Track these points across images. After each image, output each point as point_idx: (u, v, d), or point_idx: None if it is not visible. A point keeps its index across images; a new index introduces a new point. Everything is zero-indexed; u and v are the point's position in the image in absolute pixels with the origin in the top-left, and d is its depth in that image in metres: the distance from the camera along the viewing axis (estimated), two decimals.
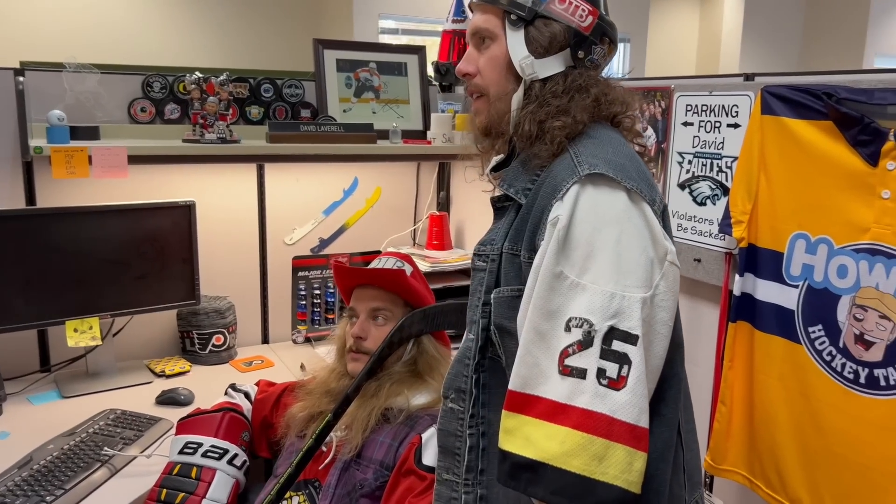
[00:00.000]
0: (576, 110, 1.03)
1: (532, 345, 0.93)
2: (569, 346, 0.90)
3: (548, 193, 0.99)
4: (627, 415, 0.87)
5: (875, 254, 1.29)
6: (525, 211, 1.03)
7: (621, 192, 0.96)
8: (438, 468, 1.12)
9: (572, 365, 0.89)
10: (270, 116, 2.33)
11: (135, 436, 1.72)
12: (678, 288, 0.99)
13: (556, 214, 0.95)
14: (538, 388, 0.91)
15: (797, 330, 1.43)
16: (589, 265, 0.92)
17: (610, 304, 0.90)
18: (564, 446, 0.87)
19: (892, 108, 1.25)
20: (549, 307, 0.92)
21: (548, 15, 1.04)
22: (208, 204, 2.26)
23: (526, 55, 1.05)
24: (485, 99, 1.11)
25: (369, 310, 1.58)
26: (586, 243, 0.93)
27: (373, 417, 1.47)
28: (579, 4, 1.05)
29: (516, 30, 1.05)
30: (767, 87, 1.45)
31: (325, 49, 2.43)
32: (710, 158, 1.62)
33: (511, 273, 1.03)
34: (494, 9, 1.07)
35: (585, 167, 0.97)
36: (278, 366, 2.25)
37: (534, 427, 0.90)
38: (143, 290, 2.11)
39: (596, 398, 0.87)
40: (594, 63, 1.07)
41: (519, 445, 0.91)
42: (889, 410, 1.29)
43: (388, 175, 2.61)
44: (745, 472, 1.56)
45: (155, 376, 2.12)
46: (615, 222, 0.94)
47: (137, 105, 2.15)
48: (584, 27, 1.05)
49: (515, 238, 1.03)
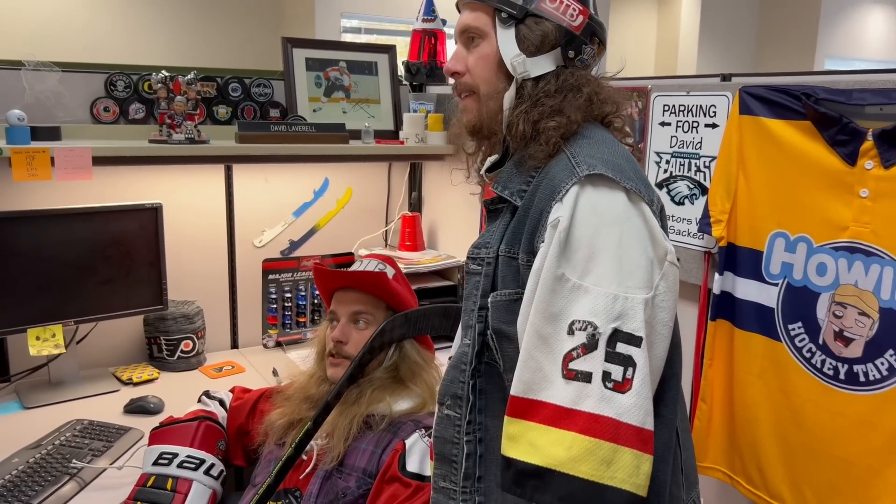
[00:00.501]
0: (570, 110, 1.02)
1: (534, 349, 0.91)
2: (572, 349, 0.89)
3: (546, 195, 0.97)
4: (633, 418, 0.86)
5: (854, 252, 1.31)
6: (521, 213, 1.01)
7: (620, 192, 0.95)
8: (435, 476, 1.10)
9: (577, 369, 0.88)
10: (238, 116, 2.28)
11: (104, 447, 1.66)
12: (678, 288, 0.98)
13: (556, 216, 0.93)
14: (541, 392, 0.90)
15: (777, 327, 1.45)
16: (591, 267, 0.91)
17: (613, 306, 0.89)
18: (571, 451, 0.85)
19: (870, 108, 1.28)
20: (551, 310, 0.91)
21: (539, 13, 1.03)
22: (175, 206, 2.20)
23: (517, 53, 1.04)
24: (474, 97, 1.09)
25: (350, 313, 1.54)
26: (587, 245, 0.91)
27: (354, 425, 1.44)
28: (570, 4, 1.04)
29: (507, 28, 1.04)
30: (745, 88, 1.47)
31: (294, 48, 2.38)
32: (687, 158, 1.63)
33: (508, 276, 1.01)
34: (484, 6, 1.06)
35: (584, 168, 0.95)
36: (249, 371, 2.20)
37: (538, 433, 0.89)
38: (108, 296, 2.04)
39: (602, 402, 0.86)
40: (584, 63, 1.06)
41: (523, 452, 0.89)
42: (868, 406, 1.31)
43: (359, 175, 2.58)
44: (726, 468, 1.57)
45: (122, 384, 2.05)
46: (615, 223, 0.93)
47: (100, 104, 2.08)
48: (574, 26, 1.04)
49: (512, 241, 1.01)
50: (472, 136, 1.12)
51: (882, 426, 1.29)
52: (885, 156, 1.25)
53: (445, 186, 2.55)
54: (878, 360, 1.29)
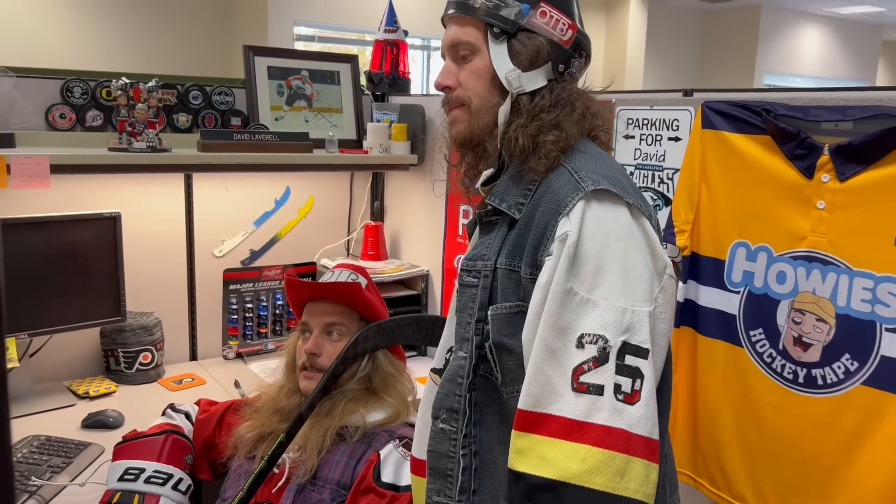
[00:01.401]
0: (566, 124, 1.04)
1: (543, 363, 0.92)
2: (583, 362, 0.90)
3: (551, 209, 0.99)
4: (643, 428, 0.88)
5: (812, 261, 1.37)
6: (522, 226, 1.02)
7: (623, 207, 0.97)
8: (429, 491, 1.09)
9: (588, 381, 0.89)
10: (199, 124, 2.25)
11: (63, 463, 1.61)
12: (674, 300, 1.01)
13: (564, 230, 0.95)
14: (551, 406, 0.91)
15: (739, 334, 1.50)
16: (599, 281, 0.92)
17: (622, 319, 0.91)
18: (586, 464, 0.87)
19: (826, 124, 1.34)
20: (560, 324, 0.92)
21: (530, 28, 1.05)
22: (134, 215, 2.15)
23: (512, 68, 1.05)
24: (465, 109, 1.10)
25: (323, 325, 1.53)
26: (595, 259, 0.93)
27: (328, 438, 1.43)
28: (560, 18, 1.06)
29: (499, 43, 1.05)
30: (708, 103, 1.52)
31: (256, 56, 2.36)
32: (651, 170, 1.68)
33: (509, 289, 1.02)
34: (475, 21, 1.07)
35: (589, 183, 0.97)
36: (211, 383, 2.16)
37: (549, 446, 0.89)
38: (63, 308, 1.98)
39: (614, 414, 0.88)
40: (573, 76, 1.08)
41: (534, 466, 0.90)
42: (825, 408, 1.37)
43: (321, 185, 2.57)
44: (690, 471, 1.62)
45: (77, 398, 2.00)
46: (621, 238, 0.95)
47: (56, 111, 2.02)
48: (564, 41, 1.06)
49: (513, 254, 1.02)
50: (460, 148, 1.13)
51: (838, 427, 1.35)
52: (840, 169, 1.31)
53: (408, 196, 2.56)
54: (835, 363, 1.35)
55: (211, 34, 5.89)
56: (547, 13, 1.05)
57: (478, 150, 1.11)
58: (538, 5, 1.05)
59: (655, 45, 9.19)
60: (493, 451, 1.03)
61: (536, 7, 1.05)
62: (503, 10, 1.05)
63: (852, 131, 1.31)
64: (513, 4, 1.05)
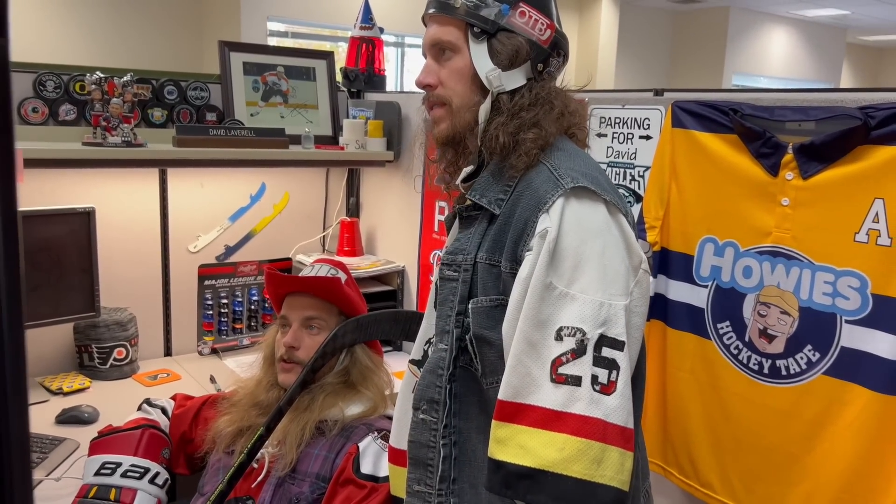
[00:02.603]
0: (546, 123, 1.06)
1: (523, 354, 0.95)
2: (561, 354, 0.93)
3: (531, 205, 1.01)
4: (618, 418, 0.92)
5: (776, 255, 1.42)
6: (502, 221, 1.05)
7: (601, 204, 1.00)
8: (409, 480, 1.11)
9: (567, 373, 0.92)
10: (174, 119, 2.24)
11: (38, 458, 1.61)
12: (649, 294, 1.05)
13: (544, 226, 0.97)
14: (530, 396, 0.93)
15: (707, 326, 1.55)
16: (577, 276, 0.95)
17: (599, 312, 0.94)
18: (564, 452, 0.90)
19: (790, 123, 1.39)
20: (539, 317, 0.95)
21: (510, 28, 1.07)
22: (107, 210, 2.14)
23: (492, 68, 1.07)
24: (446, 108, 1.12)
25: (303, 318, 1.55)
26: (574, 255, 0.96)
27: (307, 431, 1.45)
28: (538, 18, 1.08)
29: (480, 42, 1.07)
30: (678, 103, 1.57)
31: (232, 51, 2.36)
32: (623, 168, 1.73)
33: (489, 283, 1.04)
34: (455, 21, 1.09)
35: (568, 180, 1.00)
36: (186, 378, 2.16)
37: (528, 435, 0.92)
38: (36, 303, 1.96)
39: (591, 404, 0.91)
40: (551, 74, 1.11)
41: (514, 454, 0.93)
42: (789, 397, 1.42)
43: (297, 180, 2.57)
44: (660, 461, 1.66)
45: (51, 394, 1.98)
46: (599, 234, 0.98)
47: (28, 105, 2.01)
48: (542, 40, 1.09)
49: (493, 248, 1.05)
50: (443, 146, 1.15)
51: (801, 416, 1.40)
52: (803, 167, 1.36)
53: (384, 192, 2.58)
54: (798, 354, 1.40)
55: (183, 29, 5.84)
56: (526, 13, 1.08)
57: (459, 147, 1.14)
58: (517, 5, 1.07)
59: (627, 44, 9.30)
60: (473, 440, 1.06)
61: (516, 7, 1.07)
62: (483, 10, 1.07)
63: (815, 131, 1.36)
64: (492, 4, 1.07)
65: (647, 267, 1.03)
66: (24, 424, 0.35)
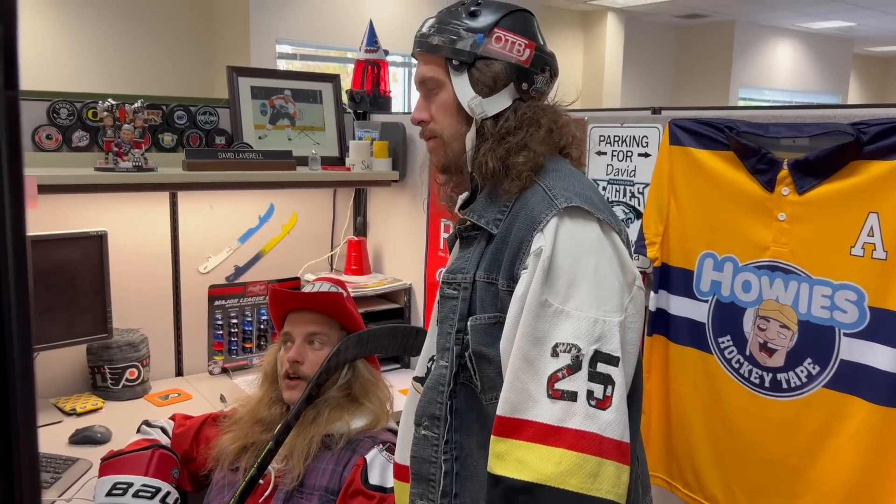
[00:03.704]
0: (534, 144, 1.09)
1: (520, 371, 0.97)
2: (557, 370, 0.95)
3: (526, 225, 1.04)
4: (614, 432, 0.94)
5: (774, 270, 1.44)
6: (499, 241, 1.07)
7: (594, 223, 1.03)
8: (412, 495, 1.14)
9: (563, 388, 0.94)
10: (184, 144, 2.29)
11: (52, 479, 1.64)
12: (643, 310, 1.07)
13: (538, 245, 1.00)
14: (528, 412, 0.96)
15: (708, 341, 1.56)
16: (572, 293, 0.98)
17: (594, 329, 0.96)
18: (560, 467, 0.92)
19: (785, 140, 1.41)
20: (535, 334, 0.97)
21: (487, 55, 1.11)
22: (119, 233, 2.19)
23: (473, 96, 1.11)
24: (438, 140, 1.17)
25: (306, 334, 1.58)
26: (568, 273, 0.99)
27: (314, 445, 1.48)
28: (515, 40, 1.11)
29: (460, 74, 1.12)
30: (675, 121, 1.59)
31: (240, 76, 2.41)
32: (623, 185, 1.75)
33: (487, 301, 1.07)
34: (436, 58, 1.14)
35: (562, 201, 1.03)
36: (196, 398, 2.19)
37: (526, 450, 0.94)
38: (50, 325, 2.00)
39: (587, 419, 0.93)
40: (539, 92, 1.14)
41: (512, 469, 0.95)
42: (790, 410, 1.43)
43: (305, 201, 2.61)
44: (664, 475, 1.67)
45: (64, 415, 2.02)
46: (592, 252, 1.01)
47: (43, 132, 2.06)
48: (523, 61, 1.11)
49: (491, 267, 1.07)
50: (443, 174, 1.20)
51: (802, 428, 1.41)
52: (798, 183, 1.39)
53: (390, 211, 2.62)
54: (798, 368, 1.42)
55: (194, 54, 5.94)
56: (502, 38, 1.11)
57: (460, 174, 1.18)
58: (492, 32, 1.11)
59: (632, 60, 9.35)
60: (474, 455, 1.08)
61: (490, 34, 1.11)
62: (459, 44, 1.11)
63: (809, 147, 1.38)
64: (467, 36, 1.11)
65: (640, 284, 1.05)
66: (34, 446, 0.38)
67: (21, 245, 0.36)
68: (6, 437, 0.37)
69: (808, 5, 8.49)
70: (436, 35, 1.13)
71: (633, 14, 9.11)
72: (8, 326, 0.37)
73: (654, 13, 9.08)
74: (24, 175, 0.38)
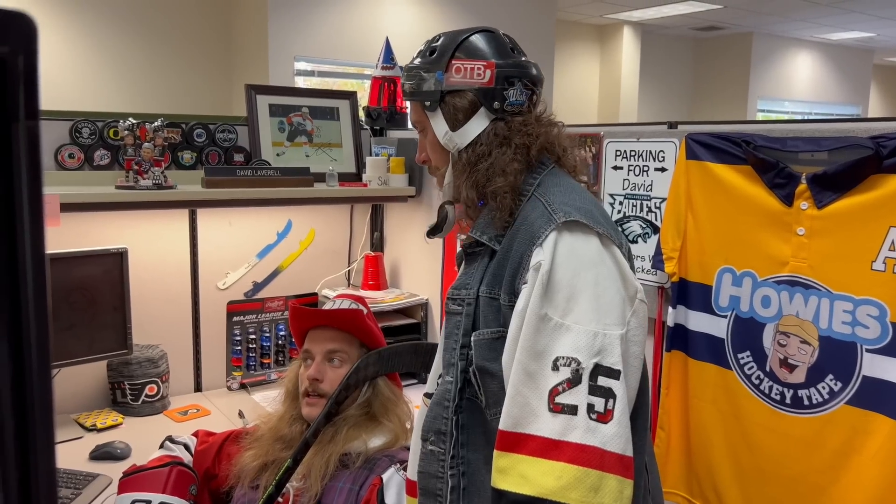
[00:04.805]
0: (506, 165, 1.10)
1: (522, 385, 0.97)
2: (558, 384, 0.95)
3: (526, 240, 1.05)
4: (616, 446, 0.93)
5: (794, 285, 1.43)
6: (501, 256, 1.08)
7: (594, 237, 1.03)
8: None
9: (563, 402, 0.94)
10: (203, 161, 2.32)
11: (72, 494, 1.65)
12: (647, 323, 1.07)
13: (537, 260, 1.01)
14: (529, 426, 0.96)
15: (727, 357, 1.55)
16: (571, 307, 0.98)
17: (594, 342, 0.96)
18: (561, 481, 0.91)
19: (803, 154, 1.40)
20: (536, 348, 0.97)
21: (452, 89, 1.13)
22: (139, 250, 2.22)
23: (445, 131, 1.15)
24: (439, 175, 1.22)
25: (325, 351, 1.58)
26: (567, 286, 0.99)
27: (331, 464, 1.47)
28: (473, 65, 1.13)
29: (434, 113, 1.15)
30: (691, 135, 1.59)
31: (258, 94, 2.44)
32: (639, 200, 1.75)
33: (490, 316, 1.08)
34: (414, 102, 1.19)
35: (561, 215, 1.03)
36: (215, 414, 2.20)
37: (528, 464, 0.94)
38: (71, 342, 2.03)
39: (588, 432, 0.93)
40: (517, 105, 1.13)
41: (515, 483, 0.95)
42: (812, 427, 1.41)
43: (322, 217, 2.63)
44: (685, 493, 1.65)
45: (85, 431, 2.04)
46: (591, 266, 1.01)
47: (65, 151, 2.10)
48: (485, 83, 1.13)
49: (493, 282, 1.08)
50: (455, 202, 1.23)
51: (825, 446, 1.39)
52: (817, 197, 1.38)
53: (407, 226, 2.63)
54: (820, 384, 1.40)
55: (214, 72, 6.01)
56: (461, 68, 1.13)
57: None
58: (450, 65, 1.13)
59: (649, 74, 9.34)
60: (481, 471, 1.08)
61: (449, 68, 1.13)
62: (424, 85, 1.15)
63: (827, 161, 1.37)
64: (429, 77, 1.15)
65: (643, 297, 1.05)
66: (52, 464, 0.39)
67: (41, 268, 0.37)
68: (24, 454, 0.37)
69: (826, 16, 8.44)
70: (406, 81, 1.18)
71: (650, 27, 9.11)
72: (28, 346, 0.38)
73: (671, 26, 9.07)
74: (43, 201, 0.39)
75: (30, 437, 0.37)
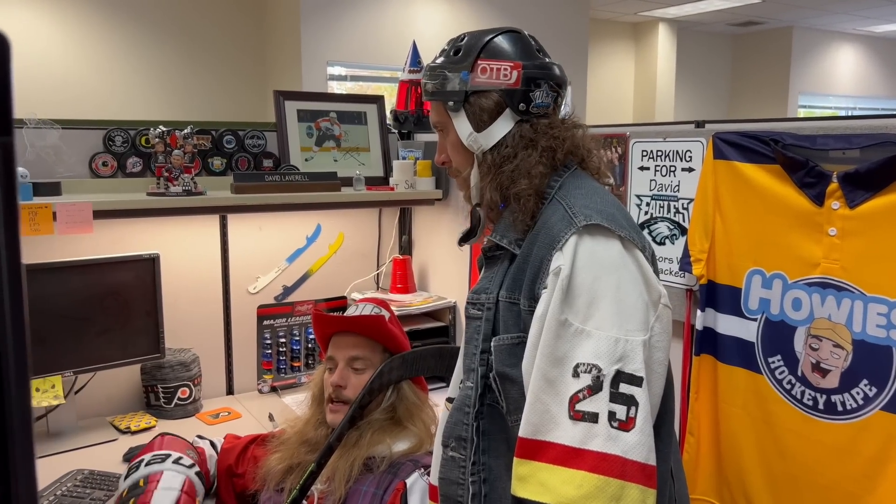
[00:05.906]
0: (531, 167, 1.08)
1: (542, 392, 0.96)
2: (578, 391, 0.93)
3: (546, 244, 1.03)
4: (638, 454, 0.91)
5: (826, 287, 1.38)
6: (521, 260, 1.07)
7: (615, 240, 1.01)
8: None
9: (583, 409, 0.93)
10: (233, 167, 2.35)
11: (105, 496, 1.68)
12: (671, 328, 1.04)
13: (557, 264, 0.99)
14: (550, 433, 0.94)
15: (758, 361, 1.51)
16: (592, 312, 0.96)
17: (615, 348, 0.94)
18: (582, 489, 0.90)
19: (834, 152, 1.36)
20: (556, 354, 0.96)
21: (478, 89, 1.11)
22: (171, 256, 2.25)
23: (469, 132, 1.13)
24: (461, 178, 1.20)
25: (348, 358, 1.59)
26: (588, 291, 0.97)
27: (355, 468, 1.47)
28: (500, 66, 1.11)
29: (457, 113, 1.13)
30: (719, 134, 1.55)
31: (286, 100, 2.47)
32: (666, 200, 1.72)
33: (510, 321, 1.06)
34: (436, 102, 1.17)
35: (581, 218, 1.02)
36: (246, 416, 2.23)
37: (548, 473, 0.93)
38: (106, 346, 2.07)
39: (609, 440, 0.91)
40: (543, 107, 1.12)
41: (535, 492, 0.94)
42: (846, 434, 1.37)
43: (351, 221, 2.65)
44: (715, 499, 1.62)
45: (119, 433, 2.08)
46: (613, 270, 0.99)
47: (99, 159, 2.14)
48: (511, 84, 1.11)
49: (512, 287, 1.07)
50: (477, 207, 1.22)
51: (860, 453, 1.35)
52: (849, 196, 1.33)
53: (434, 229, 2.63)
54: (854, 389, 1.35)
55: (247, 78, 6.10)
56: (487, 68, 1.11)
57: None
58: (476, 65, 1.12)
59: (686, 71, 9.19)
60: (503, 478, 1.07)
61: (475, 68, 1.12)
62: (448, 85, 1.13)
63: (859, 159, 1.33)
64: (453, 76, 1.13)
65: (667, 301, 1.03)
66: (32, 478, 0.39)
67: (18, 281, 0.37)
68: (4, 469, 0.37)
69: (868, 8, 8.20)
70: (429, 81, 1.17)
71: (686, 24, 8.96)
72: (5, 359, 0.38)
73: (708, 22, 8.91)
74: (19, 212, 0.39)
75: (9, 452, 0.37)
